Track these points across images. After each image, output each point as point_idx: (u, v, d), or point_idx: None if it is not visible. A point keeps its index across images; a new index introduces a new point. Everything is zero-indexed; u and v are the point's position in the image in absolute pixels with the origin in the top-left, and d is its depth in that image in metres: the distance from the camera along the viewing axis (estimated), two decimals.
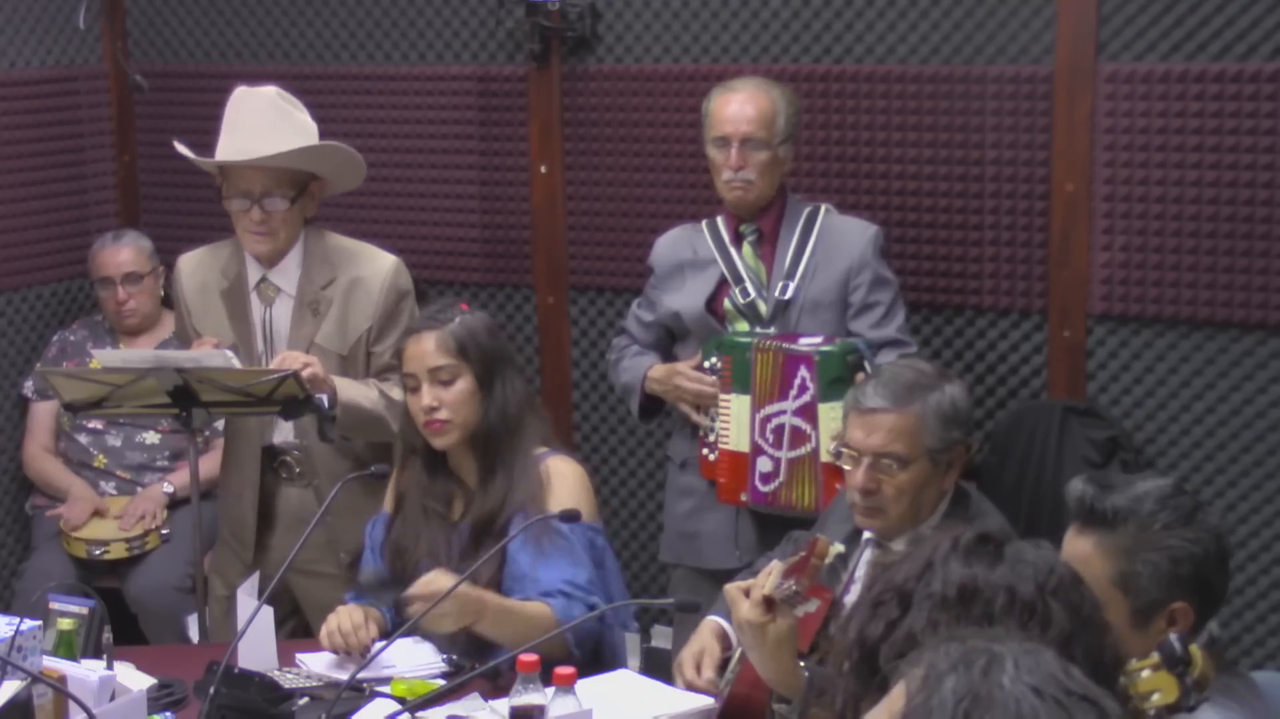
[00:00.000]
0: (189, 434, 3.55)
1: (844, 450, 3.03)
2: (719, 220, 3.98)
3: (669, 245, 4.04)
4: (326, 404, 3.55)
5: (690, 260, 3.95)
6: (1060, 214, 4.13)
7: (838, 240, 3.89)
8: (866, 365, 3.69)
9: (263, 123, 3.69)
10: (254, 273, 3.76)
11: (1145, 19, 4.01)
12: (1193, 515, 2.38)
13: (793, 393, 3.71)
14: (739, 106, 3.85)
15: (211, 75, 3.94)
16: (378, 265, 3.79)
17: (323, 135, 4.94)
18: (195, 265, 3.85)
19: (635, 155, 4.61)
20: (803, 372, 3.69)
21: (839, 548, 2.87)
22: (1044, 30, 4.12)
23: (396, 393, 3.60)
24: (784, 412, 3.73)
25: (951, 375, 3.12)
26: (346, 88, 4.98)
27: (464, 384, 3.17)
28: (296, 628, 3.86)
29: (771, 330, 3.82)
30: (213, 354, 3.54)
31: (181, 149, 3.86)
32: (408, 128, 4.93)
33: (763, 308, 3.85)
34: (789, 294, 3.85)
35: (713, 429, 3.84)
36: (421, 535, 3.20)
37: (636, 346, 4.06)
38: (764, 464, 3.76)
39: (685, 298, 3.92)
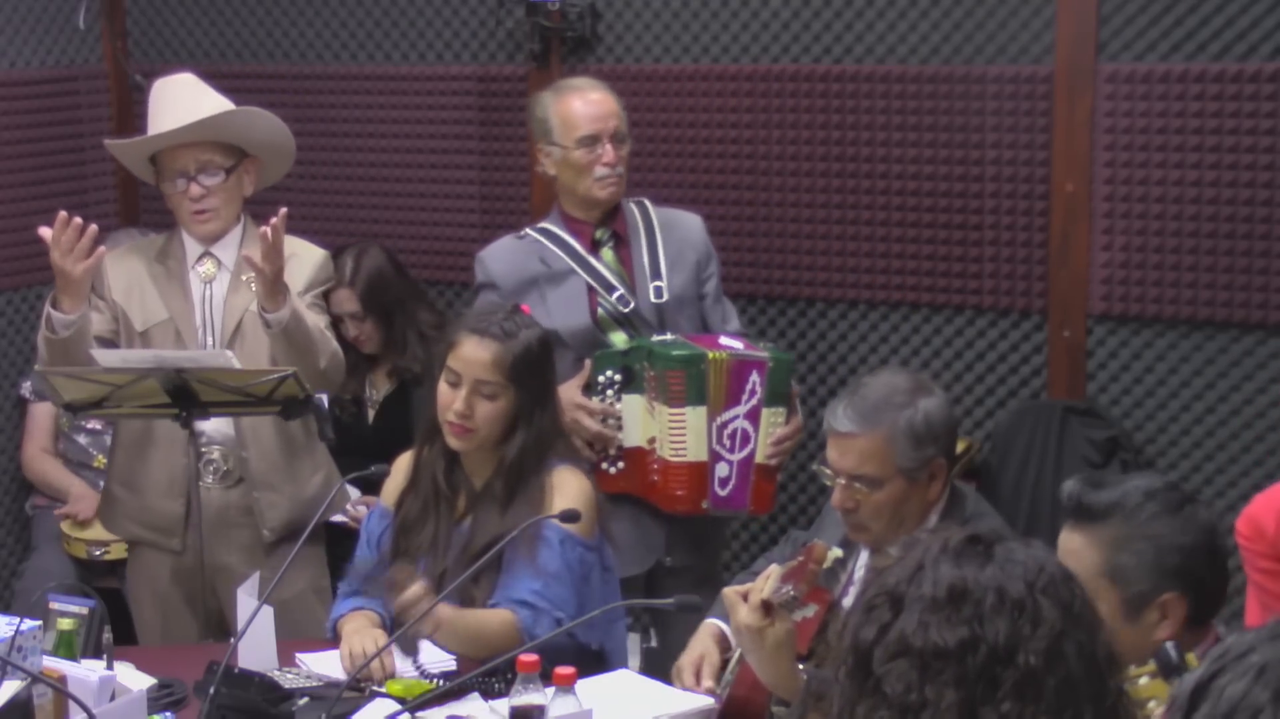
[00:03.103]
0: (189, 434, 3.54)
1: (823, 470, 3.04)
2: (555, 229, 3.86)
3: (510, 259, 3.86)
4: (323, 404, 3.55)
5: (544, 274, 3.81)
6: (1060, 214, 4.13)
7: (681, 234, 3.89)
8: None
9: (183, 102, 3.71)
10: (194, 251, 3.76)
11: (1145, 19, 4.01)
12: (1181, 507, 2.41)
13: (744, 397, 3.69)
14: (599, 104, 3.81)
15: (211, 75, 3.93)
16: (311, 249, 3.81)
17: (324, 135, 4.97)
18: (120, 257, 3.81)
19: (634, 155, 4.57)
20: (754, 377, 3.69)
21: (837, 552, 2.87)
22: (1044, 30, 4.13)
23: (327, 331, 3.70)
24: (737, 415, 3.71)
25: (929, 387, 3.04)
26: (346, 88, 4.98)
27: (503, 404, 3.12)
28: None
29: (669, 337, 3.74)
30: (213, 354, 3.55)
31: (110, 144, 3.86)
32: (408, 128, 4.93)
33: (647, 313, 3.79)
34: (664, 295, 3.81)
35: (609, 452, 3.77)
36: (429, 518, 3.19)
37: None
38: (722, 469, 3.73)
39: (561, 314, 3.77)
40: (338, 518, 4.34)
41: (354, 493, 4.34)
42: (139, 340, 3.70)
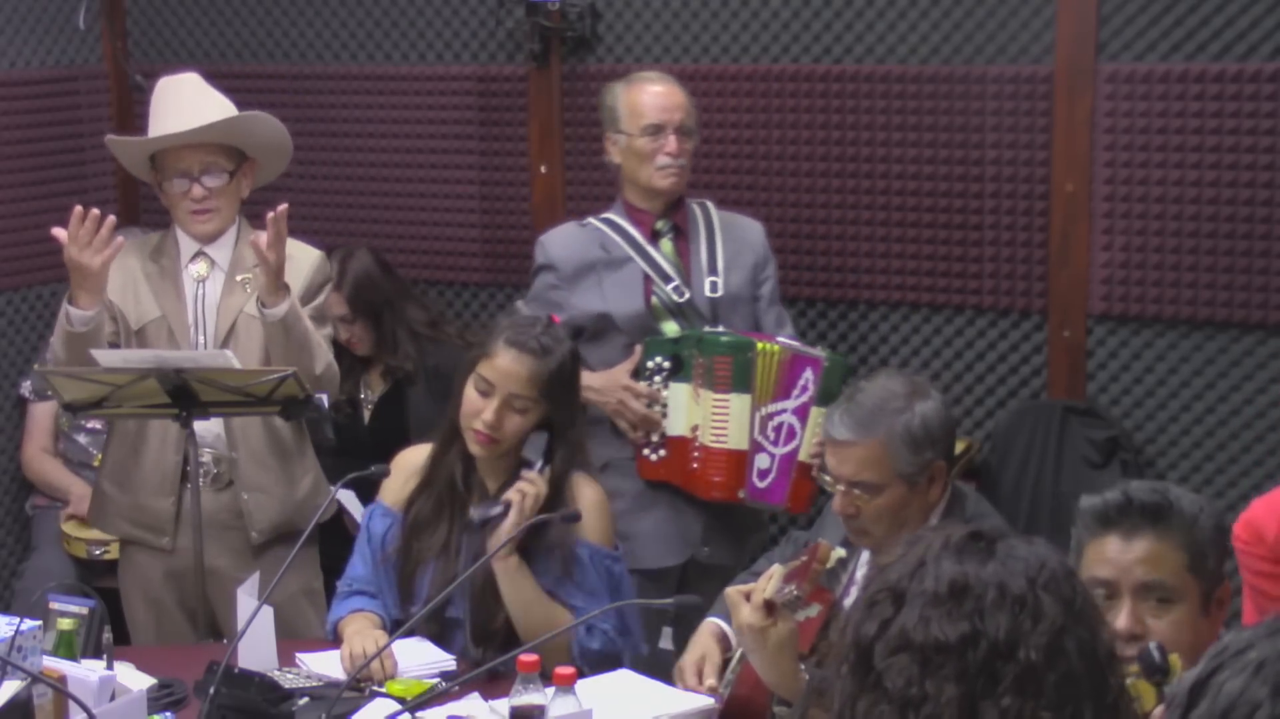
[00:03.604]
0: (188, 434, 3.54)
1: (823, 477, 3.04)
2: (618, 218, 3.92)
3: (571, 244, 3.93)
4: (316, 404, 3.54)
5: (603, 259, 3.87)
6: (1060, 214, 4.13)
7: (740, 235, 3.95)
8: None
9: (189, 103, 3.73)
10: (188, 250, 3.77)
11: (1145, 19, 4.01)
12: (1198, 498, 2.43)
13: (794, 392, 3.73)
14: (668, 96, 3.86)
15: (211, 75, 3.93)
16: (308, 250, 3.81)
17: (324, 135, 4.97)
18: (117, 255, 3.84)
19: None
20: (807, 373, 3.73)
21: (841, 552, 2.87)
22: (1044, 30, 4.13)
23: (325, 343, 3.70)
24: (785, 410, 3.75)
25: (925, 390, 3.03)
26: (346, 88, 4.98)
27: (531, 418, 3.14)
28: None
29: (721, 328, 3.80)
30: (213, 354, 3.55)
31: (111, 140, 3.86)
32: (408, 128, 4.93)
33: (701, 305, 3.84)
34: (720, 290, 3.85)
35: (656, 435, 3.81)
36: (441, 520, 3.19)
37: None
38: (762, 460, 3.77)
39: (616, 299, 3.84)
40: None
41: (349, 495, 4.31)
42: (134, 339, 3.71)
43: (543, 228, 4.75)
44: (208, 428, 3.69)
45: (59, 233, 3.45)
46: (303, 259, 3.76)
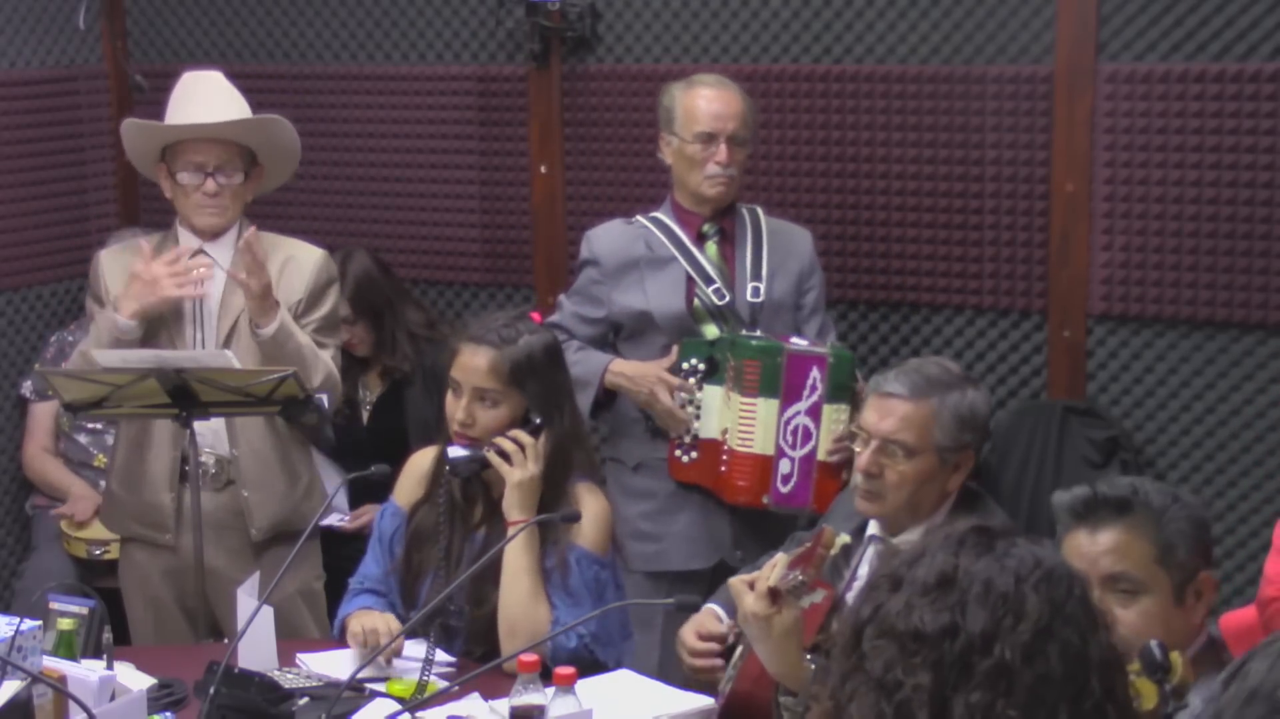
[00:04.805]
0: (189, 434, 3.55)
1: (857, 430, 3.06)
2: (665, 218, 3.93)
3: (616, 240, 3.94)
4: (319, 402, 3.55)
5: (646, 258, 3.88)
6: (1060, 214, 4.14)
7: (787, 243, 3.95)
8: (857, 374, 3.78)
9: (215, 99, 3.76)
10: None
11: (1145, 19, 4.02)
12: (1174, 491, 2.45)
13: (805, 392, 3.73)
14: (724, 104, 3.85)
15: None
16: (310, 250, 3.84)
17: (324, 135, 4.97)
18: (116, 255, 3.85)
19: (635, 155, 4.61)
20: (814, 373, 3.72)
21: (845, 539, 2.88)
22: (1044, 30, 4.13)
23: (324, 353, 3.72)
24: (799, 412, 3.75)
25: (976, 381, 3.13)
26: (346, 88, 4.98)
27: (506, 410, 3.11)
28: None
29: (758, 333, 3.81)
30: (213, 354, 3.56)
31: (131, 122, 3.84)
32: (408, 128, 4.93)
33: (743, 310, 3.85)
34: (761, 296, 3.86)
35: (688, 433, 3.82)
36: (442, 530, 3.19)
37: (576, 342, 3.91)
38: (784, 466, 3.76)
39: (656, 297, 3.86)
40: (332, 521, 4.33)
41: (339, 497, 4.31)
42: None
43: (543, 228, 4.77)
44: (208, 427, 3.69)
45: (139, 268, 3.61)
46: (305, 260, 3.77)
